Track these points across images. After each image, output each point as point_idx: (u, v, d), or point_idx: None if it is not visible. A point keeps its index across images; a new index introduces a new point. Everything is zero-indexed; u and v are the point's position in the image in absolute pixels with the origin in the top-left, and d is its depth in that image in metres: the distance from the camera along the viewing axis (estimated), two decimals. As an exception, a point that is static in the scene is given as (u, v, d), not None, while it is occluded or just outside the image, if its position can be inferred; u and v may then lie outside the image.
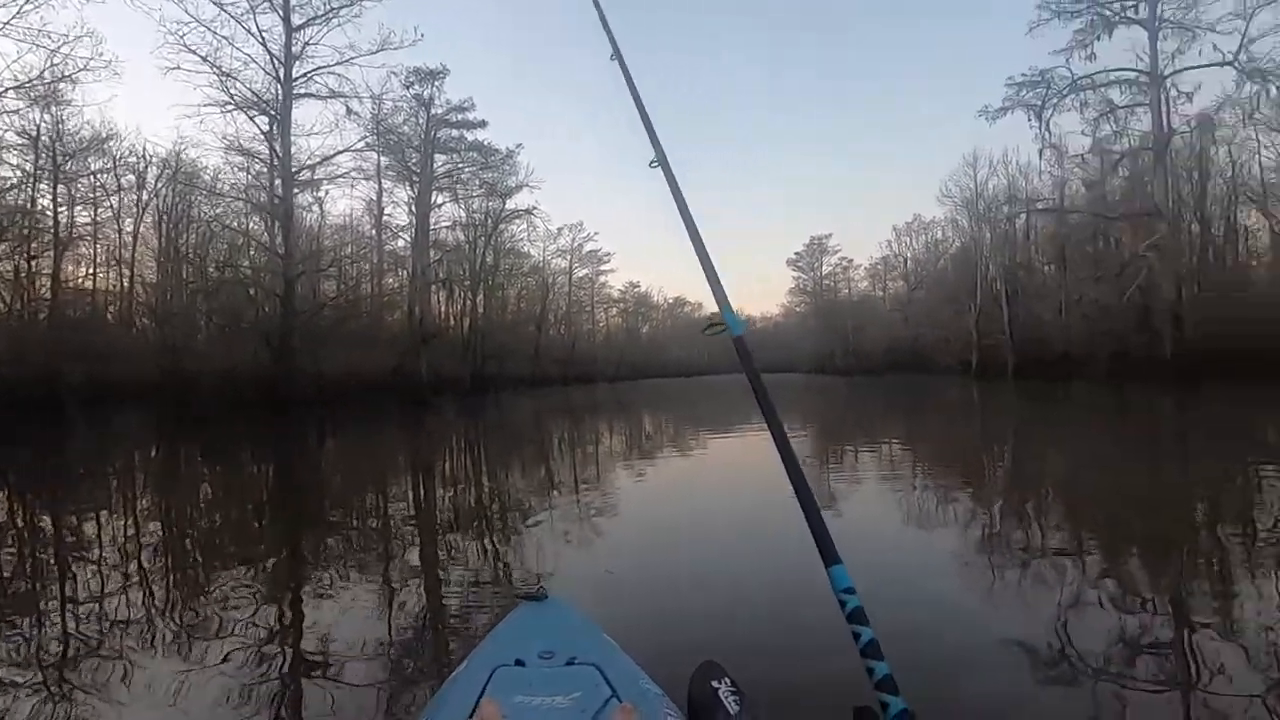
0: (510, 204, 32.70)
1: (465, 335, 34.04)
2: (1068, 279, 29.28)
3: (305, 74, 19.90)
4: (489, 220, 32.75)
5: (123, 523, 5.84)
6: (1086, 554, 4.10)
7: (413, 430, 15.24)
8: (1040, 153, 26.79)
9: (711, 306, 1.47)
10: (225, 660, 2.61)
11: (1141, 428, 11.83)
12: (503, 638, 1.51)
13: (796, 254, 67.77)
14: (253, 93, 19.07)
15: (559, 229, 48.69)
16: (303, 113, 29.53)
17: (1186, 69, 22.82)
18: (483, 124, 28.10)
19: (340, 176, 22.20)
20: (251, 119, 19.37)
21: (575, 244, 51.69)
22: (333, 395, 21.11)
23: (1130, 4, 23.31)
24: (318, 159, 20.64)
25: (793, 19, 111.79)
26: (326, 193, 23.84)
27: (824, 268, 66.13)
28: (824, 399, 24.42)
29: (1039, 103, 25.17)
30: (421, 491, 7.43)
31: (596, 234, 53.90)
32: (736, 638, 2.68)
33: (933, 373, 38.85)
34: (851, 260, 64.33)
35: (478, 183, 29.85)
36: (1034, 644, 2.59)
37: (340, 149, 21.26)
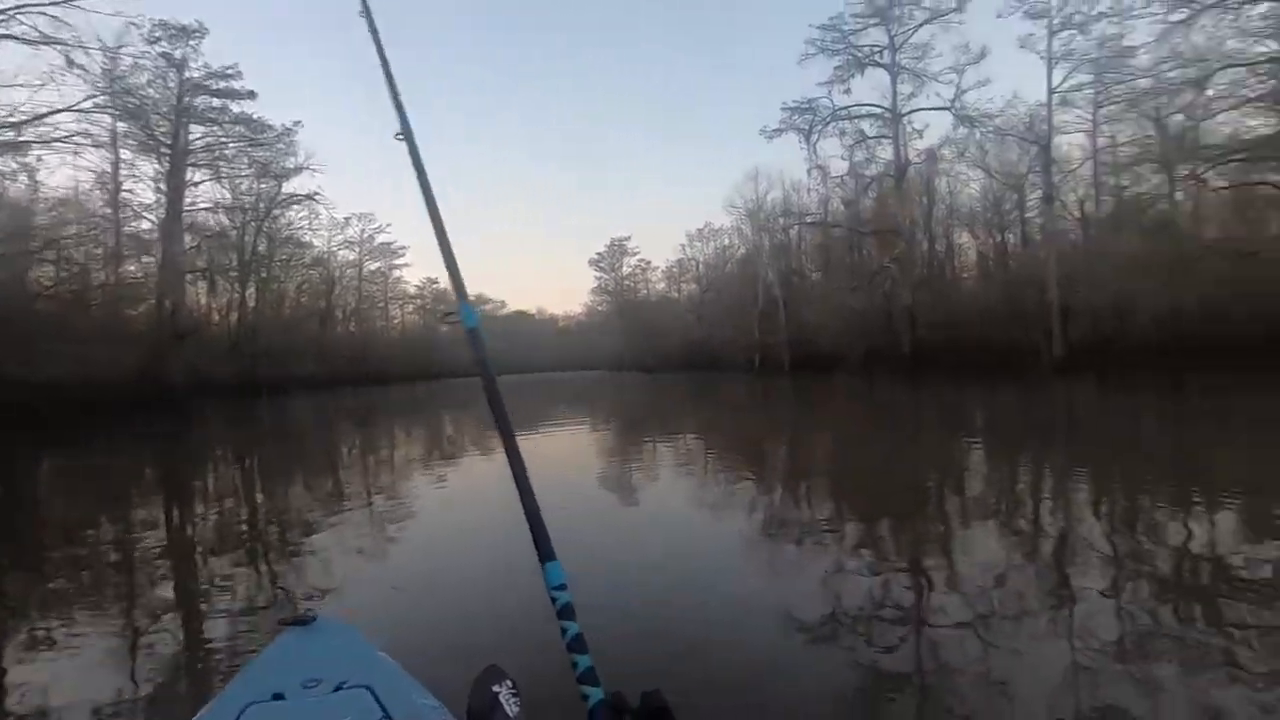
0: (289, 188, 29.47)
1: (233, 332, 30.06)
2: (831, 285, 33.46)
3: (4, 11, 16.05)
4: (261, 204, 29.17)
5: None
6: (844, 524, 4.74)
7: (164, 442, 13.07)
8: (809, 172, 30.38)
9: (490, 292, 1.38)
10: None
11: (885, 414, 13.85)
12: (259, 670, 1.36)
13: (598, 254, 69.60)
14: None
15: (346, 218, 45.02)
16: (2, 59, 23.62)
17: (917, 110, 27.53)
18: (250, 94, 24.83)
19: (60, 140, 18.22)
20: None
21: (365, 235, 48.15)
22: (55, 404, 17.37)
23: (877, 49, 27.35)
24: (25, 116, 16.75)
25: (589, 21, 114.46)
26: (39, 159, 19.29)
27: (624, 269, 68.66)
28: (625, 395, 25.28)
29: (807, 127, 28.54)
30: (174, 513, 6.39)
31: (389, 225, 50.43)
32: (526, 639, 2.61)
33: (723, 369, 42.11)
34: (650, 262, 67.60)
35: (246, 161, 26.36)
36: (797, 609, 2.95)
37: (59, 107, 17.53)
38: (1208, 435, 8.72)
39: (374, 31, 1.97)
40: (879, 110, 27.96)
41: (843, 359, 32.13)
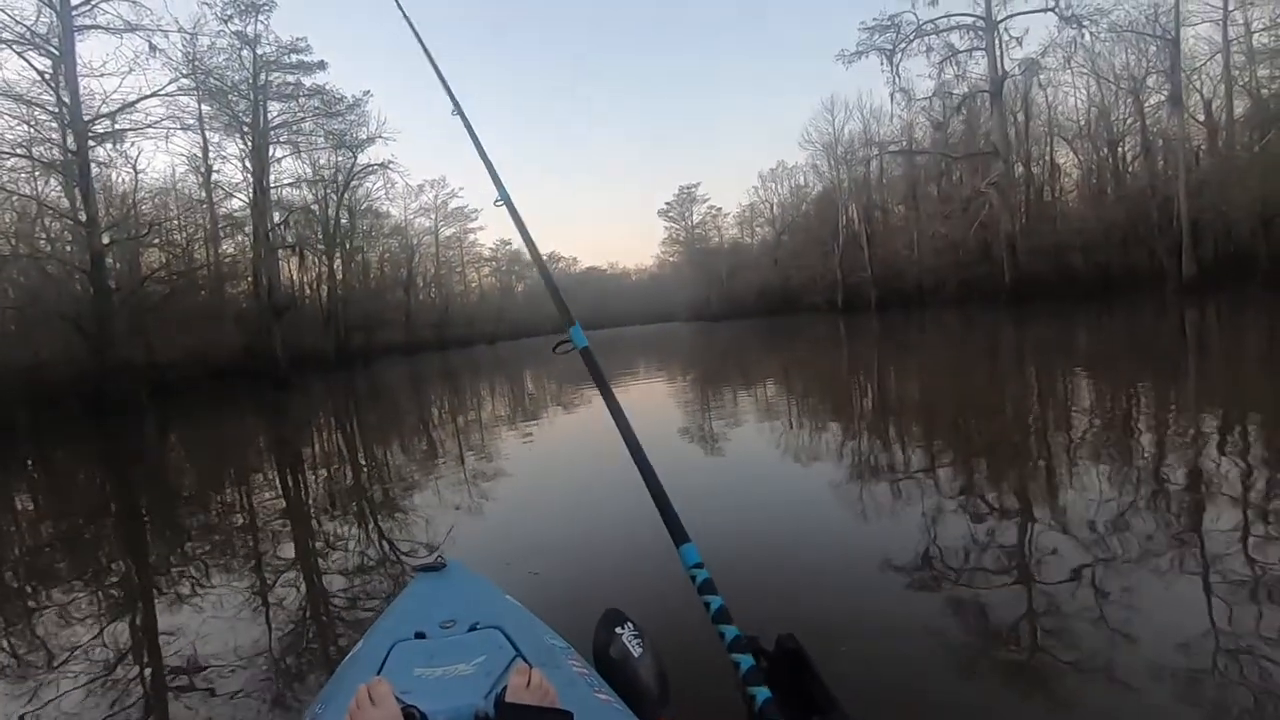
0: (363, 158, 29.95)
1: (325, 305, 31.32)
2: (919, 216, 31.35)
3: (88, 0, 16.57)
4: (339, 176, 29.84)
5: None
6: (942, 467, 4.32)
7: (272, 414, 13.74)
8: (891, 96, 28.06)
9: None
10: (72, 689, 2.27)
11: (988, 346, 12.86)
12: (400, 611, 1.46)
13: (667, 204, 68.35)
14: (20, 22, 15.55)
15: (420, 185, 45.75)
16: (92, 48, 24.35)
17: (1016, 14, 24.64)
18: (321, 65, 25.05)
19: (151, 126, 18.95)
20: (21, 54, 15.76)
21: (439, 201, 48.82)
22: (172, 384, 18.62)
23: (965, -50, 24.68)
24: (116, 104, 17.43)
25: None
26: (134, 145, 20.11)
27: (694, 217, 67.20)
28: (706, 343, 24.80)
29: (890, 47, 26.34)
30: (290, 478, 6.69)
31: (462, 189, 50.98)
32: (638, 589, 2.62)
33: (803, 312, 40.85)
34: (720, 208, 65.96)
35: (322, 134, 26.88)
36: (900, 558, 2.69)
37: (147, 93, 18.17)
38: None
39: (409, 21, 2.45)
40: (970, 19, 25.44)
41: (933, 292, 30.42)
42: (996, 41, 24.62)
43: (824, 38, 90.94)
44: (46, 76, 16.29)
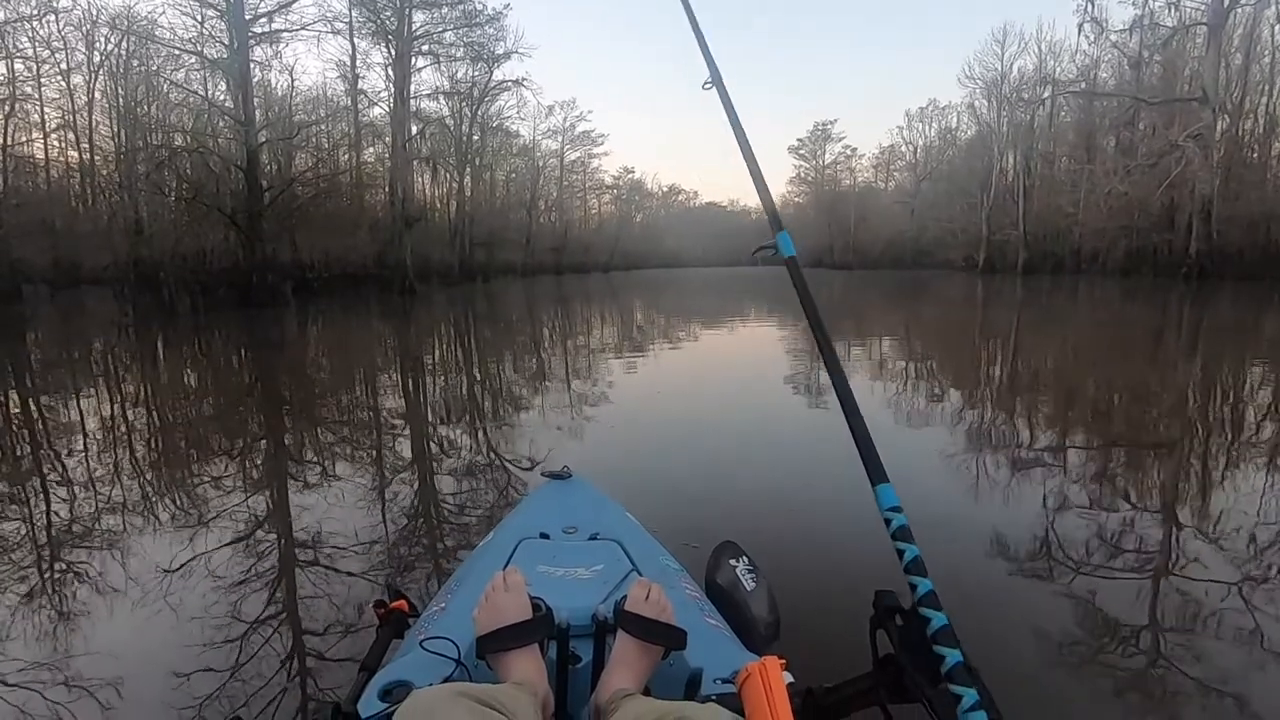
0: (499, 74, 29.93)
1: (452, 219, 32.30)
2: (1092, 170, 27.50)
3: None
4: (475, 90, 30.06)
5: (101, 414, 5.28)
6: (1074, 450, 3.77)
7: (399, 319, 14.30)
8: (1080, 27, 24.26)
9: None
10: (215, 549, 2.47)
11: (1159, 326, 11.06)
12: (528, 512, 1.53)
13: (799, 140, 64.76)
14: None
15: (550, 106, 45.59)
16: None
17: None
18: (464, -32, 24.85)
19: (304, 28, 19.54)
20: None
21: (567, 124, 48.51)
22: (312, 283, 19.93)
23: None
24: (274, 5, 18.03)
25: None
26: (287, 45, 20.75)
27: (826, 156, 63.38)
28: (828, 295, 23.49)
29: (1088, -34, 22.61)
30: (411, 381, 6.90)
31: (590, 113, 50.44)
32: (751, 528, 2.56)
33: (936, 268, 37.92)
34: (855, 149, 61.78)
35: (462, 46, 26.98)
36: (1017, 543, 2.43)
37: (302, -7, 18.66)
38: None
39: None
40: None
41: (1095, 259, 27.21)
42: (1229, -39, 20.48)
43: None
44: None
